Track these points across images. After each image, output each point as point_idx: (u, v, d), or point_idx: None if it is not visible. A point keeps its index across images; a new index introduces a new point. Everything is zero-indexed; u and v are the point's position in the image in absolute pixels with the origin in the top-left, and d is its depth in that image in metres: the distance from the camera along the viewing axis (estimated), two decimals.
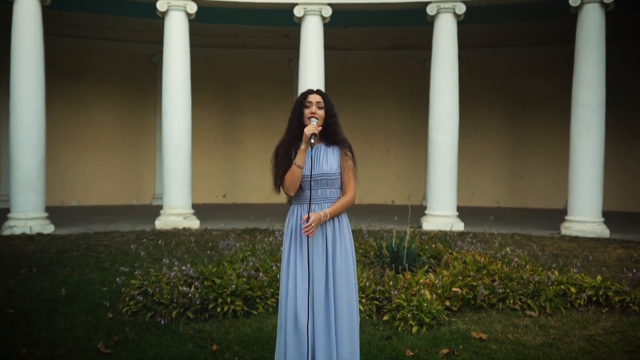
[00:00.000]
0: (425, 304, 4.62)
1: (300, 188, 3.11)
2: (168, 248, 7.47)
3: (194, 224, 9.85)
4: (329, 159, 3.14)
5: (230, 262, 5.77)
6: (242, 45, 14.48)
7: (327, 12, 10.09)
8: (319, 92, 3.19)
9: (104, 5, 12.28)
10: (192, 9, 9.89)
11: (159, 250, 7.31)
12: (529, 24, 13.24)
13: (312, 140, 3.00)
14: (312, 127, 3.02)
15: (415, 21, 11.26)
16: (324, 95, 3.18)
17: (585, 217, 9.44)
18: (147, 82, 14.14)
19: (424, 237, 7.70)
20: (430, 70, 10.16)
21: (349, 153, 3.17)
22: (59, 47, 12.98)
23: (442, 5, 9.86)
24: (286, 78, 14.49)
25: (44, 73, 9.32)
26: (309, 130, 3.01)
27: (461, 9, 9.83)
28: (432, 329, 4.48)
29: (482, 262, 5.61)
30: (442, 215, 9.91)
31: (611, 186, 11.77)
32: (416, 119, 14.26)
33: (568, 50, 11.64)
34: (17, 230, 8.93)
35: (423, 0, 9.96)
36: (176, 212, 9.85)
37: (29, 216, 9.12)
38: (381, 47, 14.54)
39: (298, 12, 10.09)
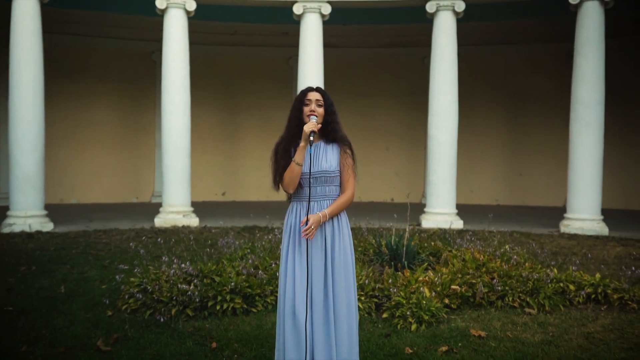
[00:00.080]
0: (424, 302, 4.62)
1: (299, 185, 3.12)
2: (167, 246, 7.47)
3: (194, 221, 9.86)
4: (328, 157, 3.14)
5: (229, 260, 5.77)
6: (242, 43, 14.47)
7: (327, 10, 10.08)
8: (318, 90, 3.19)
9: (103, 2, 12.28)
10: (191, 6, 9.88)
11: (159, 248, 7.31)
12: (528, 22, 13.24)
13: (311, 138, 3.01)
14: (312, 125, 3.03)
15: (414, 18, 11.26)
16: (323, 93, 3.18)
17: (584, 215, 9.45)
18: (147, 80, 14.13)
19: (423, 235, 7.70)
20: (430, 67, 10.15)
21: (349, 151, 3.17)
22: (58, 45, 12.97)
23: (442, 3, 9.85)
24: (285, 76, 14.49)
25: (43, 71, 9.32)
26: (308, 128, 3.01)
27: (460, 6, 9.83)
28: (431, 327, 4.49)
29: (481, 260, 5.61)
30: (442, 213, 9.92)
31: (610, 184, 11.78)
32: (416, 117, 14.27)
33: (567, 48, 11.64)
34: (17, 228, 8.94)
35: None
36: (175, 210, 9.86)
37: (28, 214, 9.13)
38: (380, 45, 14.53)
39: (297, 10, 10.09)
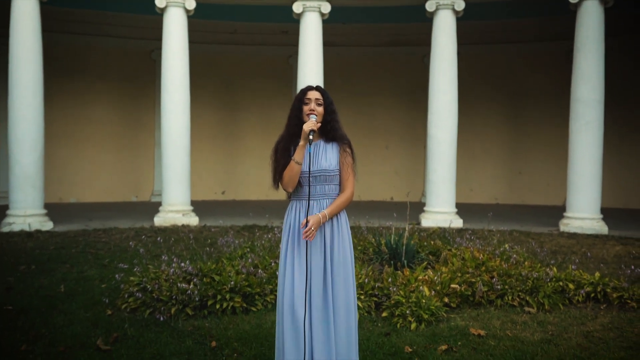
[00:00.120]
0: (424, 301, 4.62)
1: (299, 184, 3.12)
2: (167, 245, 7.47)
3: (193, 220, 9.85)
4: (327, 155, 3.14)
5: (229, 259, 5.77)
6: (241, 42, 14.46)
7: (326, 9, 10.08)
8: (318, 89, 3.19)
9: (102, 1, 12.27)
10: (191, 5, 9.87)
11: (158, 247, 7.31)
12: (528, 21, 13.24)
13: (311, 137, 3.01)
14: (311, 124, 3.03)
15: (414, 17, 11.26)
16: (323, 92, 3.18)
17: (583, 214, 9.46)
18: (146, 79, 14.12)
19: (422, 234, 7.70)
20: (430, 66, 10.15)
21: (348, 149, 3.16)
22: (58, 44, 12.97)
23: (441, 2, 9.84)
24: (285, 74, 14.48)
25: (42, 70, 9.31)
26: (307, 127, 3.01)
27: (460, 5, 9.82)
28: (431, 326, 4.49)
29: (481, 259, 5.61)
30: (441, 212, 9.92)
31: (610, 183, 11.79)
32: (415, 116, 14.27)
33: (567, 46, 11.64)
34: (16, 227, 8.94)
35: None
36: (175, 209, 9.85)
37: (27, 213, 9.13)
38: (380, 44, 14.52)
39: (297, 9, 10.08)
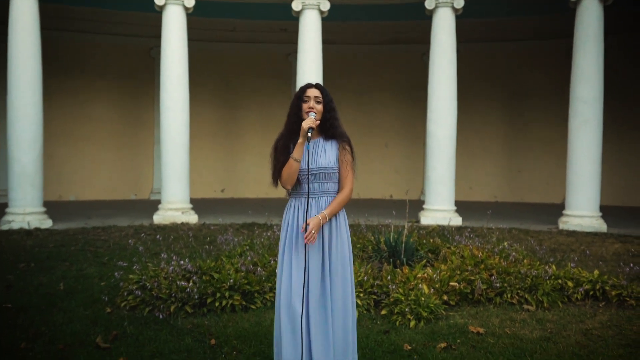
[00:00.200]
0: (423, 298, 4.63)
1: (298, 181, 3.12)
2: (166, 243, 7.47)
3: (192, 218, 9.85)
4: (327, 153, 3.14)
5: (228, 257, 5.77)
6: (241, 40, 14.44)
7: (326, 6, 10.06)
8: (317, 87, 3.19)
9: None
10: (190, 2, 9.85)
11: (157, 245, 7.31)
12: (527, 19, 13.22)
13: (309, 134, 3.01)
14: (310, 121, 3.03)
15: (413, 15, 11.24)
16: (322, 90, 3.18)
17: (582, 212, 9.46)
18: (145, 77, 14.11)
19: (422, 232, 7.71)
20: (429, 64, 10.14)
21: (348, 147, 3.16)
22: (57, 42, 12.95)
23: (441, 0, 9.84)
24: (285, 72, 14.47)
25: (41, 68, 9.30)
26: (306, 124, 3.01)
27: (459, 3, 9.80)
28: (430, 323, 4.50)
29: (480, 257, 5.61)
30: (440, 209, 9.92)
31: (609, 181, 11.79)
32: (415, 114, 14.27)
33: (566, 44, 11.63)
34: (15, 225, 8.93)
35: None
36: (174, 207, 9.85)
37: (26, 211, 9.12)
38: (380, 41, 14.51)
39: (296, 6, 10.06)
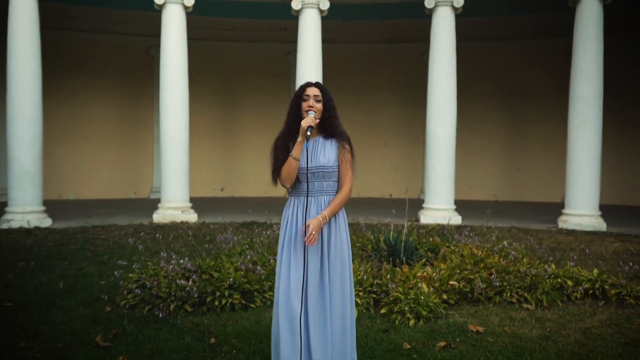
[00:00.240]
0: (422, 297, 4.63)
1: (297, 180, 3.12)
2: (166, 242, 7.47)
3: (192, 217, 9.85)
4: (326, 152, 3.14)
5: (228, 256, 5.77)
6: (240, 39, 14.44)
7: (325, 5, 10.06)
8: (317, 85, 3.19)
9: None
10: (190, 1, 9.85)
11: (157, 243, 7.31)
12: (527, 18, 13.21)
13: (308, 133, 3.01)
14: (309, 120, 3.03)
15: (413, 14, 11.24)
16: (322, 88, 3.18)
17: (582, 211, 9.47)
18: (145, 75, 14.11)
19: (421, 231, 7.71)
20: (429, 63, 10.15)
21: (347, 146, 3.16)
22: (56, 41, 12.94)
23: None
24: (284, 71, 14.47)
25: (41, 67, 9.30)
26: (305, 123, 3.01)
27: (459, 2, 9.80)
28: (430, 322, 4.50)
29: (480, 256, 5.62)
30: (440, 208, 9.93)
31: (608, 180, 11.80)
32: (414, 113, 14.27)
33: (566, 44, 11.62)
34: (15, 224, 8.93)
35: None
36: (174, 206, 9.85)
37: (26, 210, 9.12)
38: (379, 40, 14.50)
39: (296, 5, 10.06)
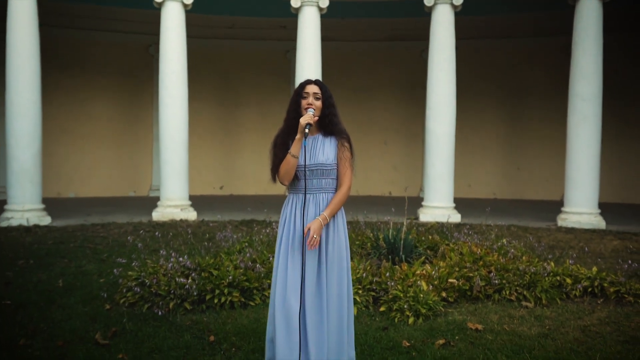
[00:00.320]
0: (421, 295, 4.63)
1: (295, 177, 3.11)
2: (165, 239, 7.47)
3: (191, 215, 9.85)
4: (325, 150, 3.13)
5: (227, 254, 5.78)
6: (239, 37, 14.42)
7: (324, 3, 10.04)
8: (317, 83, 3.19)
9: None
10: None
11: (156, 241, 7.31)
12: (526, 16, 13.21)
13: (307, 130, 3.00)
14: (307, 117, 3.03)
15: (412, 12, 11.22)
16: (321, 86, 3.17)
17: (581, 209, 9.48)
18: (144, 74, 14.09)
19: (420, 229, 7.71)
20: (428, 61, 10.14)
21: (346, 144, 3.15)
22: (55, 39, 12.92)
23: None
24: (283, 69, 14.45)
25: (39, 65, 9.28)
26: (303, 120, 3.01)
27: (458, 0, 9.80)
28: (429, 320, 4.50)
29: (479, 254, 5.62)
30: (439, 206, 9.93)
31: (608, 178, 11.80)
32: (414, 111, 14.26)
33: (566, 41, 11.61)
34: (14, 222, 8.93)
35: None
36: (173, 204, 9.85)
37: (25, 208, 9.11)
38: (379, 38, 14.49)
39: (295, 3, 10.04)
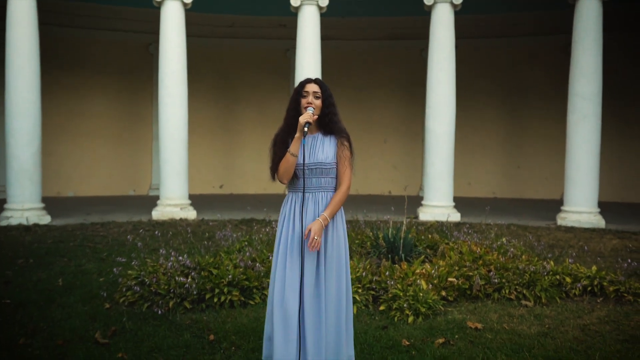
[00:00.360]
0: (421, 294, 4.64)
1: (295, 176, 3.11)
2: (165, 239, 7.47)
3: (191, 214, 9.85)
4: (325, 148, 3.13)
5: (227, 253, 5.78)
6: (239, 35, 14.41)
7: (324, 2, 10.03)
8: (316, 82, 3.18)
9: None
10: None
11: (156, 240, 7.31)
12: (526, 15, 13.20)
13: (306, 129, 3.00)
14: (307, 116, 3.02)
15: (412, 11, 11.21)
16: (321, 85, 3.17)
17: (581, 208, 9.48)
18: (144, 72, 14.08)
19: (420, 228, 7.71)
20: (428, 60, 10.13)
21: (346, 143, 3.15)
22: (55, 37, 12.90)
23: None
24: (283, 68, 14.44)
25: (39, 63, 9.28)
26: (303, 119, 3.01)
27: None
28: (428, 319, 4.51)
29: (478, 253, 5.63)
30: (439, 205, 9.93)
31: (607, 177, 11.80)
32: (413, 110, 14.25)
33: (565, 41, 11.62)
34: (14, 221, 8.93)
35: None
36: (173, 203, 9.85)
37: (25, 207, 9.11)
38: (378, 37, 14.48)
39: (295, 2, 10.03)
